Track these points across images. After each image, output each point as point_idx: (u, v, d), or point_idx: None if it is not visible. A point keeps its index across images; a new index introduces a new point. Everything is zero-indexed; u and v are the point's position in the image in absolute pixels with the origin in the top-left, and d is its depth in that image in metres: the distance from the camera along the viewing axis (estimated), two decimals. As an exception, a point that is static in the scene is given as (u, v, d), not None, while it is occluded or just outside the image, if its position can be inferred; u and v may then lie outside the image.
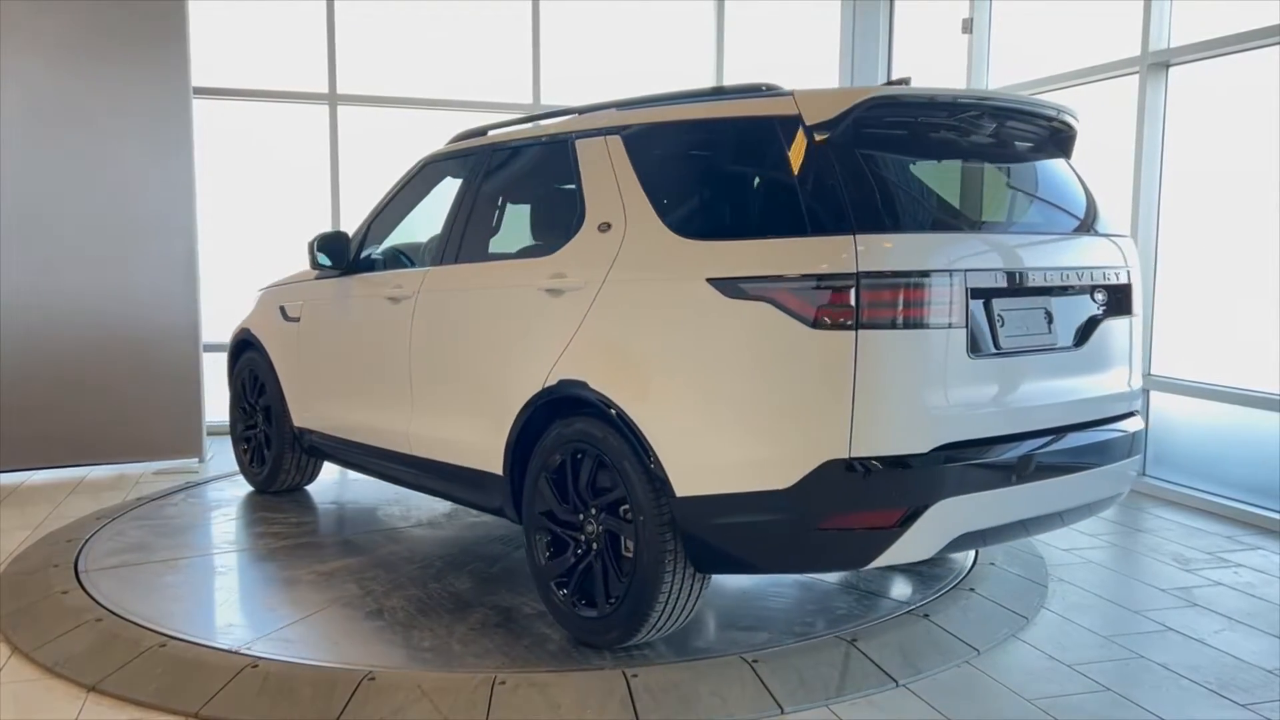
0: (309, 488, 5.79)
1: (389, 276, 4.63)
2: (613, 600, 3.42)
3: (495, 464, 3.87)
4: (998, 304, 3.23)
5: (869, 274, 2.96)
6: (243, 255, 7.46)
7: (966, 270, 3.12)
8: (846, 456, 2.98)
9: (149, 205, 6.22)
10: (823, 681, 3.31)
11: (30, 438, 6.04)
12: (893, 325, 2.99)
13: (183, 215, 6.30)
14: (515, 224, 4.33)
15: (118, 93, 6.10)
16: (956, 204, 3.70)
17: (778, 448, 3.08)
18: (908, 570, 4.24)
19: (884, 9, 8.47)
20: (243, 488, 5.84)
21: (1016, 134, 3.69)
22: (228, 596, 4.19)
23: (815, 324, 2.98)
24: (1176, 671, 3.44)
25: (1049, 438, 3.35)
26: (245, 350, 5.75)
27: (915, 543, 3.09)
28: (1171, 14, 5.81)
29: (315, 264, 4.90)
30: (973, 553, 4.53)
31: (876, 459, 3.00)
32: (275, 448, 5.53)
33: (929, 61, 8.10)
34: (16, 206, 5.94)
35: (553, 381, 3.58)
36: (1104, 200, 3.85)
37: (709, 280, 3.17)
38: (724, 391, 3.17)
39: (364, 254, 4.89)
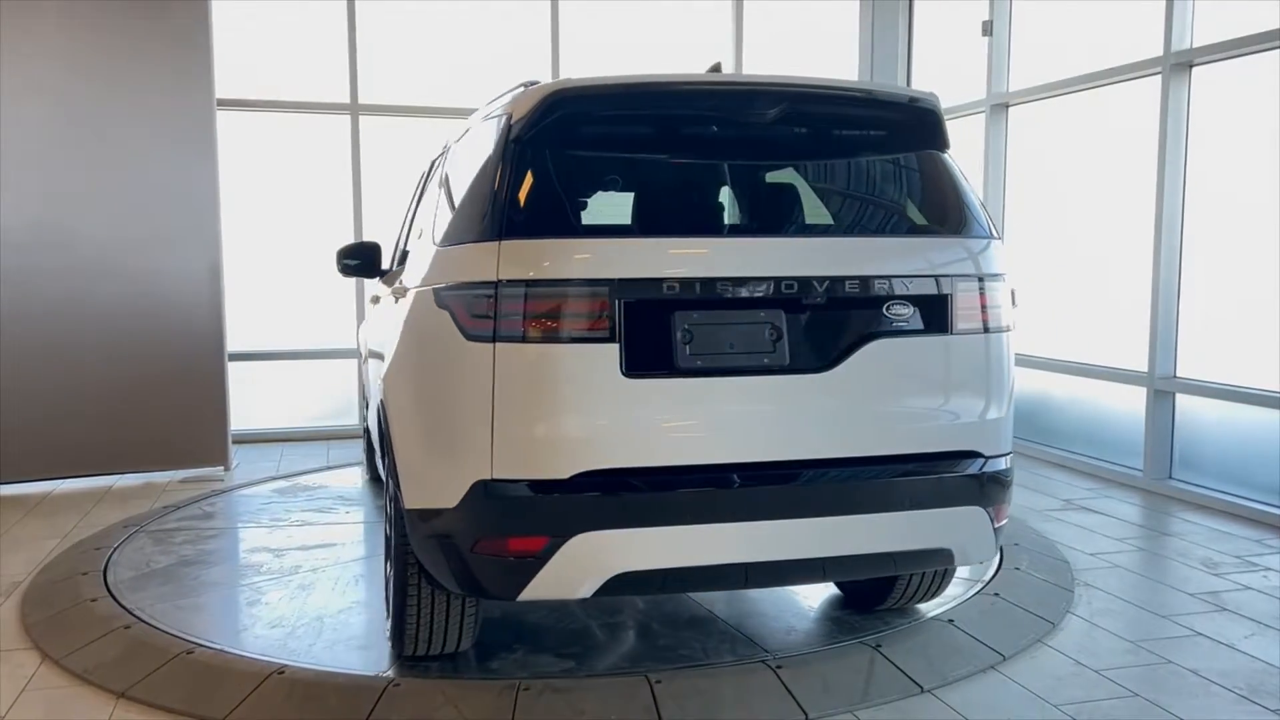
0: None
1: (385, 279, 4.79)
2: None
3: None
4: (683, 317, 2.87)
5: (507, 282, 2.79)
6: (267, 265, 7.54)
7: (621, 279, 2.80)
8: (489, 478, 2.82)
9: (174, 216, 6.27)
10: (848, 688, 3.30)
11: (58, 447, 6.10)
12: (527, 338, 2.78)
13: (208, 225, 6.35)
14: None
15: (143, 105, 6.17)
16: (657, 205, 3.34)
17: (450, 465, 2.93)
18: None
19: (903, 9, 8.46)
20: (264, 493, 5.93)
21: (781, 123, 3.13)
22: (251, 600, 4.23)
23: (467, 335, 2.86)
24: (1206, 677, 3.41)
25: (766, 472, 2.92)
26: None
27: (562, 577, 2.83)
28: (1194, 14, 5.77)
29: (341, 271, 5.00)
30: (997, 557, 4.51)
31: (515, 482, 2.81)
32: (369, 440, 5.89)
33: (950, 63, 8.08)
34: (44, 218, 6.00)
35: (381, 387, 3.64)
36: (945, 199, 3.28)
37: (432, 289, 3.08)
38: (425, 404, 3.09)
39: (395, 257, 5.01)
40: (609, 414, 2.82)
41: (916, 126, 3.30)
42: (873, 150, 3.37)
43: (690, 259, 2.91)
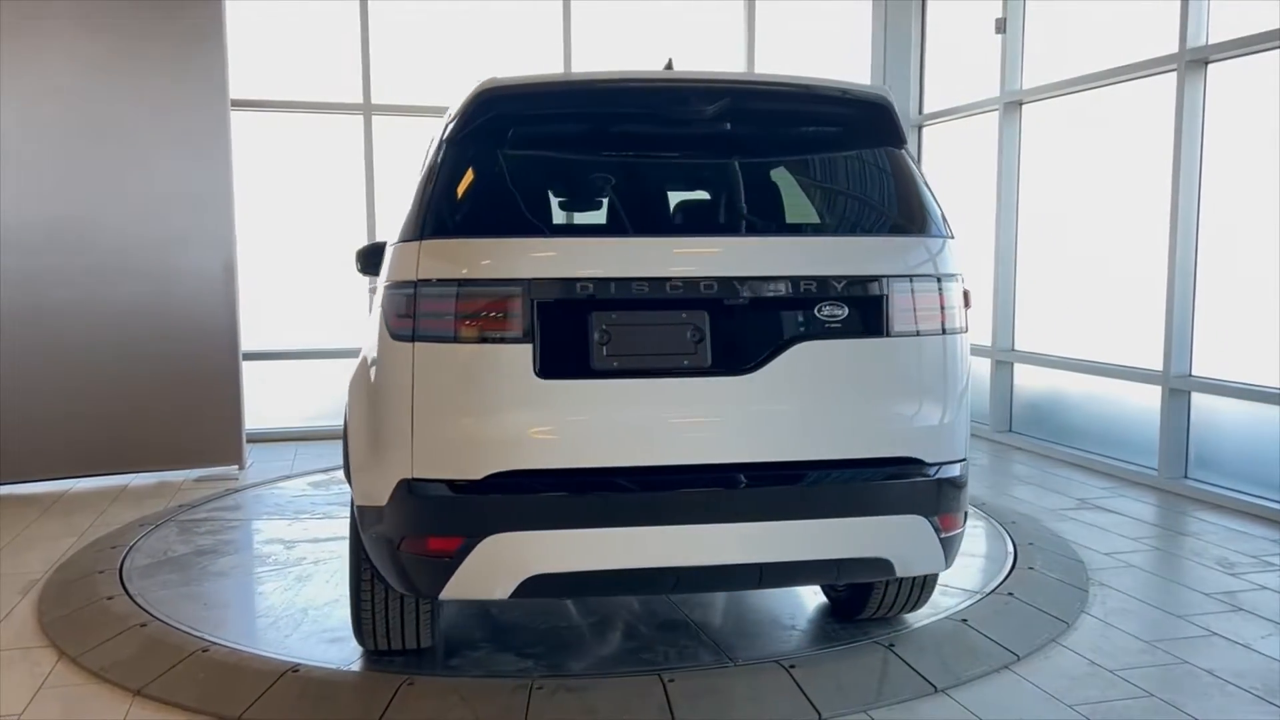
0: None
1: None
2: None
3: None
4: (600, 318, 2.83)
5: (423, 282, 2.81)
6: (281, 265, 7.56)
7: (535, 279, 2.79)
8: (410, 477, 2.83)
9: (188, 216, 6.29)
10: (861, 688, 3.29)
11: (73, 447, 6.13)
12: (443, 338, 2.79)
13: (222, 225, 6.37)
14: None
15: (157, 105, 6.19)
16: (586, 205, 3.28)
17: (381, 464, 2.94)
18: (945, 576, 4.20)
19: (916, 8, 8.43)
20: (299, 486, 6.02)
21: (719, 120, 3.05)
22: (268, 600, 4.25)
23: (392, 335, 2.88)
24: (1221, 677, 3.39)
25: (683, 476, 2.86)
26: None
27: (477, 578, 2.83)
28: (1209, 11, 5.74)
29: (361, 271, 4.99)
30: (1010, 556, 4.50)
31: (433, 482, 2.82)
32: None
33: (964, 61, 8.05)
34: (58, 219, 6.03)
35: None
36: (894, 197, 3.18)
37: (381, 287, 3.07)
38: (366, 403, 3.09)
39: None
40: (522, 415, 2.81)
41: (866, 123, 3.20)
42: (819, 148, 3.28)
43: (607, 258, 2.86)
